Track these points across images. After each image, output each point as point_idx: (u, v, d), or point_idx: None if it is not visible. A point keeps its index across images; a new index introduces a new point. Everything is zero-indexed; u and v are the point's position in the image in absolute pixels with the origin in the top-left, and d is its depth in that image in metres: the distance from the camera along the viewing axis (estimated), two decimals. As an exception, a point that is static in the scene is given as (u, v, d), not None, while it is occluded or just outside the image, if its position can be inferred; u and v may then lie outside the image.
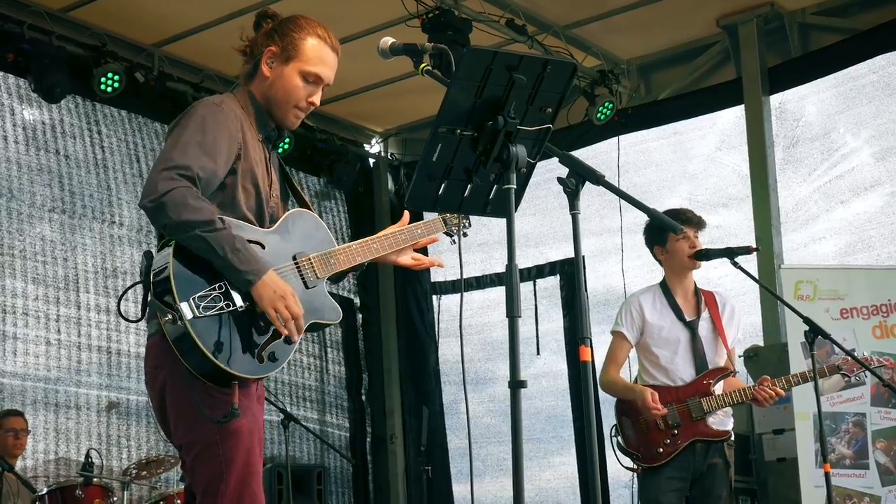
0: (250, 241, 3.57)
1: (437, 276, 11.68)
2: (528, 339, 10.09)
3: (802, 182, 9.77)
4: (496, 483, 10.81)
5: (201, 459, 3.51)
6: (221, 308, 3.46)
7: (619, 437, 5.75)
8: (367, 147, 11.91)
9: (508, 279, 3.07)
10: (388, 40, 3.66)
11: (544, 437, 10.59)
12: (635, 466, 5.73)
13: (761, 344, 9.25)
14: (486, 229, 10.83)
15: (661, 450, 5.61)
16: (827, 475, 5.87)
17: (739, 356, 9.07)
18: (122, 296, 3.74)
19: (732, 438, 5.83)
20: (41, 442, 8.25)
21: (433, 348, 11.48)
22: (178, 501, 7.28)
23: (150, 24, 9.32)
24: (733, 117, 10.11)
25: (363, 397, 11.46)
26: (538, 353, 10.44)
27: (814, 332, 5.81)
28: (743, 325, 6.21)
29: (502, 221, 3.15)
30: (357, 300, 11.66)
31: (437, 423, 11.15)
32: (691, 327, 5.83)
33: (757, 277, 6.73)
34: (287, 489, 8.65)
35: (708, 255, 5.86)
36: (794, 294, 8.18)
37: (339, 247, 3.90)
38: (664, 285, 5.92)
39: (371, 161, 11.96)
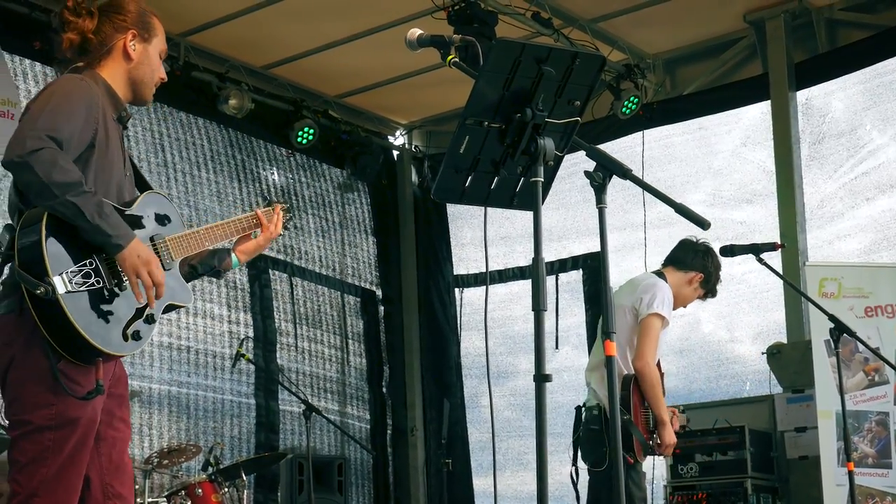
0: None
1: (459, 269, 11.68)
2: (548, 333, 10.06)
3: (828, 179, 9.72)
4: (516, 477, 10.80)
5: (28, 439, 3.49)
6: (92, 284, 3.49)
7: (630, 419, 5.70)
8: (390, 139, 11.91)
9: (535, 272, 3.05)
10: (415, 32, 3.65)
11: (565, 431, 10.51)
12: (631, 457, 5.70)
13: (784, 341, 9.21)
14: (508, 223, 10.82)
15: (651, 444, 5.69)
16: (850, 474, 5.86)
17: (762, 353, 9.08)
18: None
19: None
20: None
21: (455, 341, 11.48)
22: (200, 490, 7.30)
23: (177, 14, 9.33)
24: (759, 113, 10.07)
25: (384, 389, 11.47)
26: (557, 348, 10.43)
27: (839, 330, 5.81)
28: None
29: (524, 215, 3.14)
30: (379, 292, 11.66)
31: (458, 416, 11.15)
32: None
33: (782, 274, 6.70)
34: (308, 480, 8.67)
35: (733, 251, 5.84)
36: (818, 291, 8.14)
37: (188, 231, 3.94)
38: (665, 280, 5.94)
39: (395, 153, 11.96)
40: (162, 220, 3.85)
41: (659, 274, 5.96)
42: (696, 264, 5.97)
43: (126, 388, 3.86)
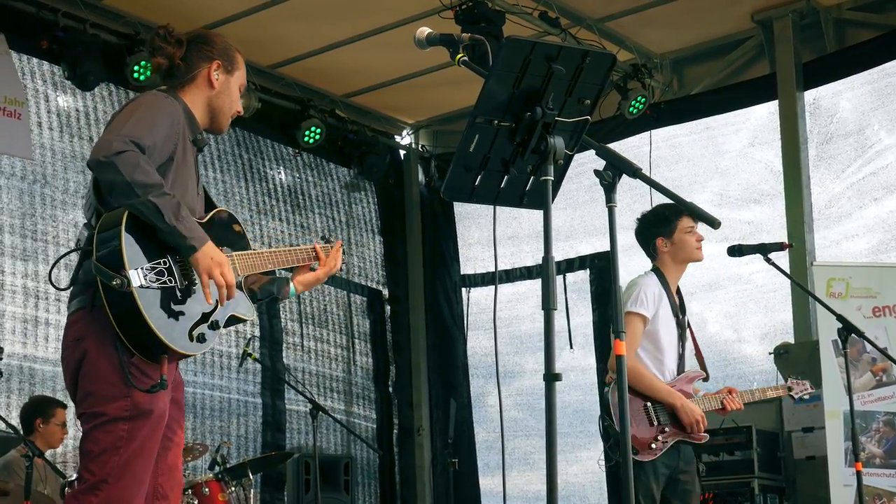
0: None
1: (466, 268, 11.67)
2: (560, 332, 10.07)
3: (835, 179, 9.71)
4: (522, 477, 10.80)
5: (102, 430, 3.62)
6: (164, 283, 3.62)
7: (611, 425, 5.50)
8: (397, 138, 11.90)
9: (546, 271, 3.05)
10: (424, 30, 3.64)
11: (571, 431, 10.57)
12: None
13: (792, 341, 9.20)
14: (516, 222, 10.82)
15: (654, 445, 5.51)
16: (858, 474, 5.84)
17: (769, 353, 9.05)
18: (55, 262, 3.98)
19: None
20: (71, 428, 8.27)
21: (461, 341, 11.48)
22: (206, 489, 7.29)
23: (183, 14, 9.33)
24: (766, 113, 10.06)
25: (390, 389, 11.46)
26: (571, 347, 10.42)
27: (847, 330, 5.78)
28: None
29: (532, 215, 3.15)
30: (386, 292, 11.66)
31: (465, 415, 11.15)
32: (680, 325, 5.77)
33: (790, 274, 6.68)
34: (314, 479, 8.66)
35: (741, 250, 5.81)
36: (826, 291, 8.13)
37: (253, 251, 4.09)
38: (661, 277, 5.74)
39: (401, 153, 11.96)
40: (229, 236, 4.00)
41: (653, 270, 5.85)
42: (650, 235, 5.85)
43: (182, 394, 3.99)
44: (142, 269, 3.57)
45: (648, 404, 5.53)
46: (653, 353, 5.65)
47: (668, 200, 3.47)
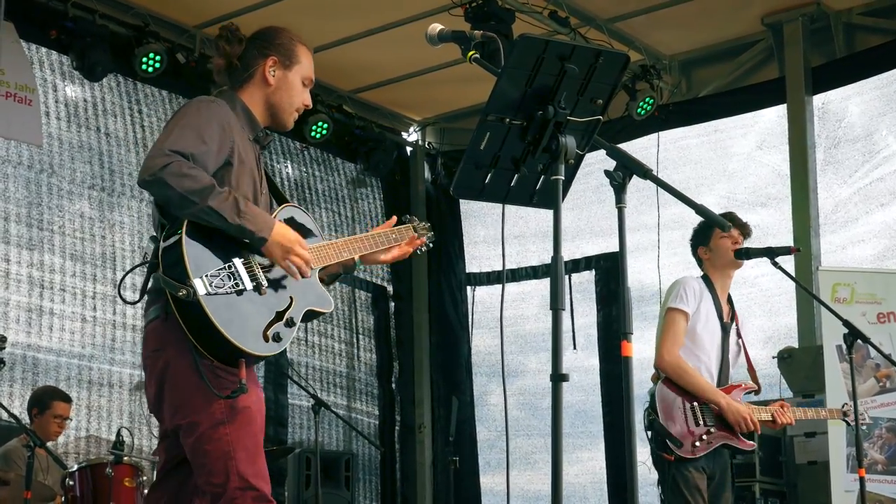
0: None
1: (471, 267, 11.66)
2: (563, 333, 10.06)
3: (843, 184, 9.69)
4: (523, 476, 10.79)
5: (206, 440, 3.59)
6: (232, 287, 3.59)
7: (656, 419, 5.54)
8: (404, 135, 11.89)
9: (554, 271, 3.03)
10: (436, 27, 3.63)
11: (573, 431, 10.55)
12: (670, 454, 5.54)
13: (796, 346, 9.19)
14: (522, 222, 10.80)
15: (697, 444, 5.53)
16: (861, 480, 5.83)
17: (773, 357, 9.04)
18: (124, 277, 4.01)
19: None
20: (73, 419, 8.27)
21: (465, 339, 11.47)
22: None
23: (192, 6, 9.35)
24: (775, 116, 10.05)
25: (393, 385, 11.46)
26: (574, 348, 10.40)
27: (853, 336, 5.76)
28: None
29: (538, 214, 3.14)
30: (390, 288, 11.65)
31: (467, 413, 11.14)
32: (725, 329, 5.78)
33: (796, 278, 6.66)
34: (315, 475, 8.66)
35: (748, 253, 5.80)
36: (831, 297, 8.11)
37: (327, 241, 4.05)
38: (708, 281, 5.82)
39: (408, 149, 11.95)
40: (300, 230, 3.92)
41: (702, 277, 5.91)
42: (694, 247, 5.92)
43: (260, 386, 3.94)
44: (207, 276, 3.55)
45: (696, 404, 5.55)
46: (691, 351, 5.68)
47: (677, 202, 3.45)
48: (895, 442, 8.00)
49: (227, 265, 3.61)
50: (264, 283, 3.68)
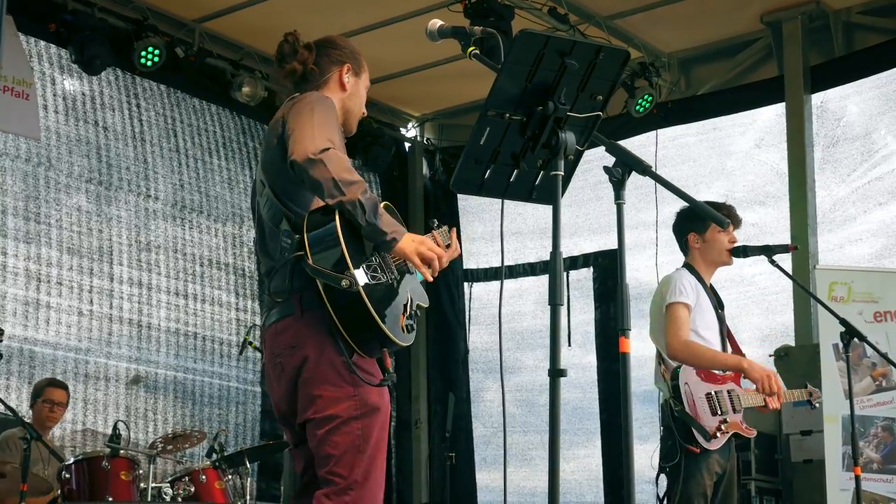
0: None
1: (469, 263, 11.66)
2: (561, 330, 10.06)
3: (841, 182, 9.70)
4: (519, 472, 10.79)
5: (338, 433, 3.66)
6: (380, 279, 3.66)
7: (683, 409, 5.45)
8: (403, 131, 11.89)
9: (553, 267, 3.03)
10: (436, 22, 3.63)
11: (569, 428, 10.56)
12: (696, 447, 5.41)
13: (792, 344, 9.19)
14: (520, 218, 10.80)
15: (718, 435, 5.50)
16: (857, 479, 5.83)
17: (770, 355, 9.04)
18: (277, 271, 3.76)
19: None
20: (70, 412, 8.27)
21: (462, 335, 11.46)
22: (203, 477, 7.28)
23: (193, 1, 9.33)
24: (773, 115, 10.05)
25: (389, 381, 11.44)
26: (569, 345, 10.40)
27: (850, 334, 5.76)
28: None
29: (536, 210, 3.14)
30: (387, 284, 11.64)
31: (463, 410, 11.14)
32: (720, 319, 5.78)
33: (794, 277, 6.66)
34: (311, 469, 8.65)
35: (746, 251, 5.78)
36: (828, 295, 8.11)
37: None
38: (693, 271, 5.76)
39: (406, 145, 11.95)
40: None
41: (684, 266, 5.86)
42: (684, 230, 5.88)
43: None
44: (363, 266, 3.60)
45: (711, 392, 5.54)
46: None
47: (678, 200, 3.45)
48: (891, 441, 8.00)
49: (373, 257, 3.67)
50: (397, 276, 3.77)
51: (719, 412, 5.52)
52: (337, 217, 3.60)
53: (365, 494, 3.66)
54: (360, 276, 3.56)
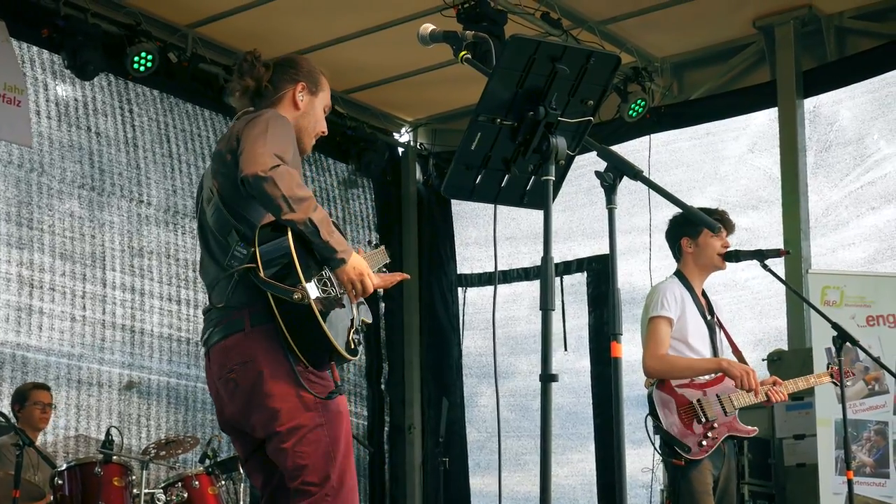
0: None
1: (462, 268, 11.66)
2: (554, 334, 10.05)
3: (833, 187, 9.71)
4: (513, 477, 10.79)
5: (307, 442, 3.68)
6: (329, 293, 3.70)
7: (659, 425, 5.49)
8: (396, 136, 11.89)
9: (544, 272, 3.03)
10: (428, 27, 3.63)
11: (563, 433, 10.56)
12: (680, 460, 5.45)
13: (785, 348, 9.21)
14: (514, 223, 10.80)
15: (704, 443, 5.50)
16: (850, 482, 5.84)
17: (763, 360, 9.05)
18: (229, 284, 3.77)
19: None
20: (62, 418, 8.27)
21: (456, 340, 11.46)
22: (196, 482, 7.27)
23: (185, 5, 9.33)
24: (766, 119, 10.06)
25: (383, 386, 11.45)
26: (565, 349, 10.41)
27: (842, 338, 5.77)
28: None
29: (529, 215, 3.14)
30: (380, 289, 11.61)
31: (457, 415, 11.13)
32: (710, 327, 5.78)
33: (786, 281, 6.67)
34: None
35: (738, 256, 5.79)
36: (820, 299, 8.13)
37: (365, 254, 4.16)
38: (683, 279, 5.78)
39: (400, 150, 11.94)
40: None
41: (675, 274, 5.87)
42: (677, 235, 5.88)
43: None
44: (314, 280, 3.64)
45: (694, 402, 5.54)
46: (685, 356, 5.65)
47: (671, 205, 3.45)
48: (883, 444, 8.01)
49: (323, 271, 3.71)
50: (344, 292, 3.79)
51: (705, 419, 5.52)
52: (289, 231, 3.63)
53: (342, 501, 3.67)
54: (312, 290, 3.60)
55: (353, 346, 3.78)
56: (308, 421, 3.67)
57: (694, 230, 5.75)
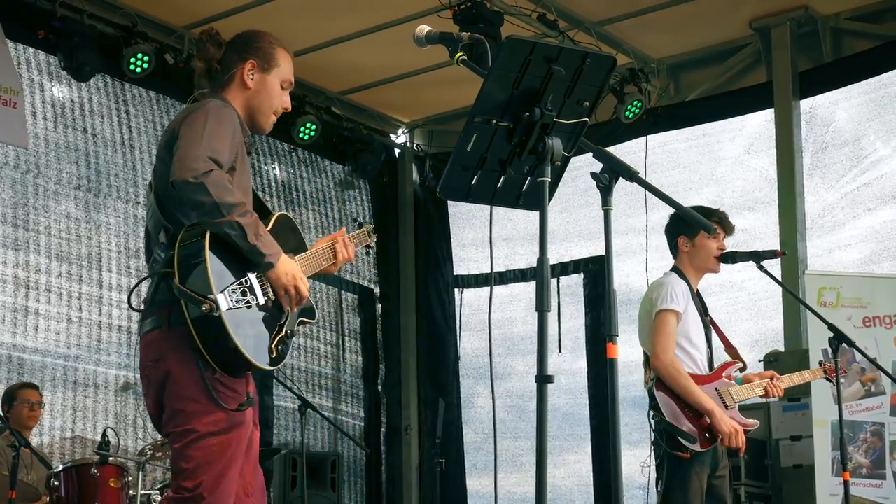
0: None
1: (460, 269, 11.66)
2: (550, 335, 10.05)
3: (830, 188, 9.71)
4: (509, 478, 10.79)
5: (193, 447, 3.65)
6: (248, 302, 3.64)
7: (663, 418, 5.49)
8: (392, 137, 11.89)
9: (540, 273, 3.03)
10: (423, 28, 3.63)
11: (560, 434, 10.57)
12: (686, 452, 5.44)
13: (782, 349, 9.21)
14: (511, 224, 10.80)
15: (708, 434, 5.51)
16: (846, 484, 5.84)
17: (759, 360, 9.05)
18: (133, 288, 3.91)
19: None
20: (58, 419, 8.26)
21: (453, 341, 11.46)
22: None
23: (181, 6, 9.33)
24: (763, 121, 10.06)
25: (379, 387, 11.44)
26: (559, 351, 10.41)
27: (838, 340, 5.78)
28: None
29: (527, 217, 3.14)
30: (377, 290, 11.64)
31: (454, 416, 11.13)
32: (706, 325, 5.80)
33: (782, 282, 6.68)
34: (301, 476, 8.65)
35: (734, 257, 5.80)
36: (817, 300, 8.13)
37: (311, 251, 4.13)
38: (682, 276, 5.78)
39: (396, 151, 11.94)
40: (289, 240, 4.01)
41: (673, 270, 5.87)
42: (675, 233, 5.89)
43: (256, 393, 3.98)
44: (228, 290, 3.59)
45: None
46: (686, 351, 5.67)
47: (665, 206, 3.45)
48: (880, 446, 8.01)
49: (243, 279, 3.66)
50: (272, 297, 3.75)
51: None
52: (207, 237, 3.59)
53: None
54: (223, 302, 3.55)
55: (275, 355, 3.73)
56: (202, 427, 3.63)
57: (691, 230, 5.76)
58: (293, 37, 9.83)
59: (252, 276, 3.69)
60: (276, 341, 3.75)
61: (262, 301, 3.70)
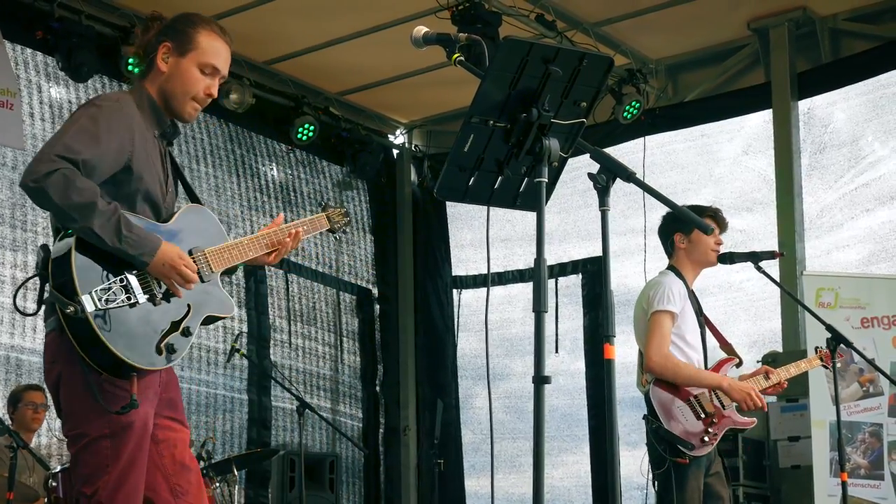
0: None
1: (458, 270, 11.65)
2: (547, 336, 10.05)
3: (828, 189, 9.72)
4: (507, 479, 10.79)
5: (88, 451, 3.58)
6: (122, 301, 3.52)
7: (661, 426, 5.49)
8: (391, 137, 11.88)
9: (537, 274, 3.03)
10: (421, 29, 3.63)
11: (558, 435, 10.57)
12: (684, 458, 5.45)
13: (780, 350, 9.20)
14: (509, 225, 10.80)
15: (706, 438, 5.51)
16: (844, 484, 5.84)
17: (758, 361, 9.05)
18: (18, 289, 3.83)
19: None
20: (56, 420, 8.22)
21: (451, 342, 11.45)
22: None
23: (179, 6, 9.22)
24: (761, 121, 10.07)
25: (378, 388, 11.44)
26: (556, 351, 10.41)
27: (836, 340, 5.79)
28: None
29: (524, 218, 3.14)
30: (375, 291, 11.64)
31: (452, 416, 11.13)
32: (701, 325, 5.80)
33: (780, 283, 6.68)
34: (299, 477, 8.65)
35: (732, 258, 5.80)
36: (815, 301, 8.13)
37: (231, 242, 3.93)
38: (678, 274, 5.78)
39: (394, 152, 11.94)
40: (202, 232, 3.85)
41: (669, 268, 5.87)
42: (670, 231, 5.88)
43: (177, 391, 3.91)
44: (96, 291, 3.48)
45: (691, 398, 5.54)
46: (681, 350, 5.66)
47: (663, 206, 3.46)
48: (878, 446, 8.01)
49: (119, 279, 3.54)
50: (159, 293, 3.63)
51: (704, 415, 5.53)
52: (74, 239, 3.50)
53: None
54: (88, 303, 3.44)
55: (163, 353, 3.61)
56: (93, 431, 3.55)
57: (687, 226, 5.75)
58: (291, 37, 9.86)
59: (130, 275, 3.56)
60: (164, 339, 3.62)
61: (143, 298, 3.57)
